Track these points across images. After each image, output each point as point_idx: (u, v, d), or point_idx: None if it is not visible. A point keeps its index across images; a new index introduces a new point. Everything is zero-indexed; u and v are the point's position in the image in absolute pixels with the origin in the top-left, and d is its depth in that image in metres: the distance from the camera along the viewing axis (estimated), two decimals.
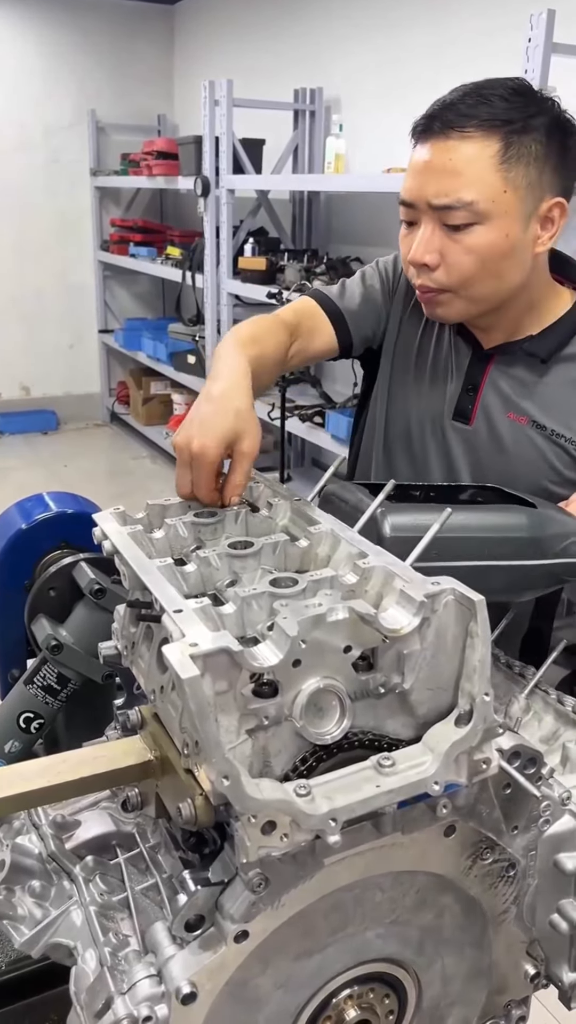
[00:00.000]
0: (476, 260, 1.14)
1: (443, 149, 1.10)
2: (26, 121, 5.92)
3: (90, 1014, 0.66)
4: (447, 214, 1.12)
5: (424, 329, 1.35)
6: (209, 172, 4.38)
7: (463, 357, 1.31)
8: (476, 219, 1.11)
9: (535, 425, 1.26)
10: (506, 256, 1.15)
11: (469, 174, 1.09)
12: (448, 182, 1.10)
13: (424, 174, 1.12)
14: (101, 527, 0.84)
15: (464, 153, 1.09)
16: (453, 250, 1.14)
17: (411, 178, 1.15)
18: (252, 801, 0.58)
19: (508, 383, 1.28)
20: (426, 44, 3.75)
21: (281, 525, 0.88)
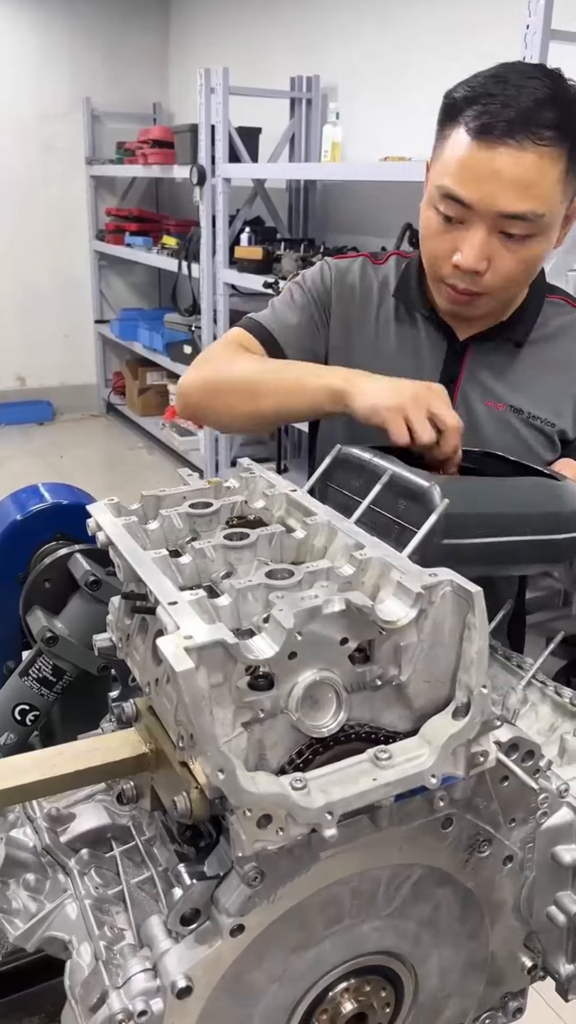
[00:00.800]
0: (525, 269, 1.14)
1: (517, 159, 1.05)
2: (20, 109, 5.88)
3: (85, 1008, 0.66)
4: (510, 223, 1.09)
5: (381, 331, 1.32)
6: (205, 161, 4.36)
7: (438, 350, 1.29)
8: (536, 231, 1.10)
9: (512, 410, 1.27)
10: (543, 261, 1.17)
11: (543, 186, 1.07)
12: (521, 193, 1.06)
13: (492, 181, 1.07)
14: (95, 518, 0.83)
15: (540, 166, 1.06)
16: (505, 258, 1.12)
17: (474, 181, 1.08)
18: (247, 795, 0.58)
19: (485, 371, 1.28)
20: (423, 31, 3.72)
21: (277, 516, 0.88)
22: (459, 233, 1.12)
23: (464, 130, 1.08)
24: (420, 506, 0.84)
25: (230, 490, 0.92)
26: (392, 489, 0.88)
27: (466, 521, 0.83)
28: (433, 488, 0.83)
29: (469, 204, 1.09)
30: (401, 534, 0.86)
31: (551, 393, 1.28)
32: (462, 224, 1.12)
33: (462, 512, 0.82)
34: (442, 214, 1.13)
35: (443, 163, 1.12)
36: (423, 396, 1.01)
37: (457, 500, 0.83)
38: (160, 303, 6.53)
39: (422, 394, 1.01)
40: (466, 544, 0.83)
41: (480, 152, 1.06)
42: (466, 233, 1.11)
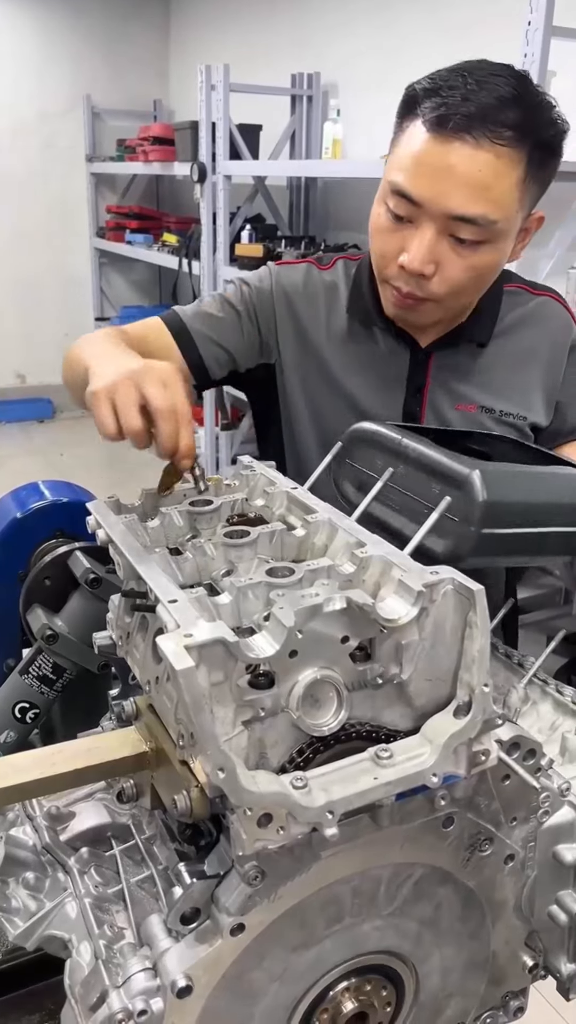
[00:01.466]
0: (474, 276, 1.09)
1: (472, 157, 1.00)
2: (21, 106, 5.87)
3: (84, 1008, 0.66)
4: (460, 226, 1.04)
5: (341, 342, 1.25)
6: (206, 158, 4.35)
7: (401, 361, 1.24)
8: (487, 238, 1.05)
9: (484, 410, 1.24)
10: (496, 270, 1.13)
11: (497, 190, 1.02)
12: (475, 195, 1.01)
13: (445, 179, 1.01)
14: (95, 516, 0.83)
15: (496, 167, 1.00)
16: (453, 263, 1.07)
17: (425, 177, 1.02)
18: (248, 794, 0.57)
19: (451, 376, 1.24)
20: (424, 28, 3.72)
21: (278, 514, 0.87)
22: (408, 232, 1.07)
23: (421, 122, 1.03)
24: (459, 492, 0.80)
25: (230, 488, 0.92)
26: (425, 470, 0.83)
27: (505, 510, 0.80)
28: (474, 475, 0.79)
29: (419, 202, 1.04)
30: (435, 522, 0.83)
31: (520, 387, 1.26)
32: (412, 223, 1.06)
33: (502, 500, 0.79)
34: (392, 211, 1.07)
35: (397, 157, 1.07)
36: (137, 376, 0.85)
37: (497, 488, 0.79)
38: (161, 301, 6.53)
39: (138, 372, 0.85)
40: (502, 534, 0.80)
41: (434, 146, 1.01)
42: (415, 232, 1.06)
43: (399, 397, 1.24)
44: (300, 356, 1.27)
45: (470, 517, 0.79)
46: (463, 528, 0.79)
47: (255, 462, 0.95)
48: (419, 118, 1.04)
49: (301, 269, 1.29)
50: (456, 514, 0.80)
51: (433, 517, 0.79)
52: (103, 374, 0.87)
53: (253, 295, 1.26)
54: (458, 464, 0.81)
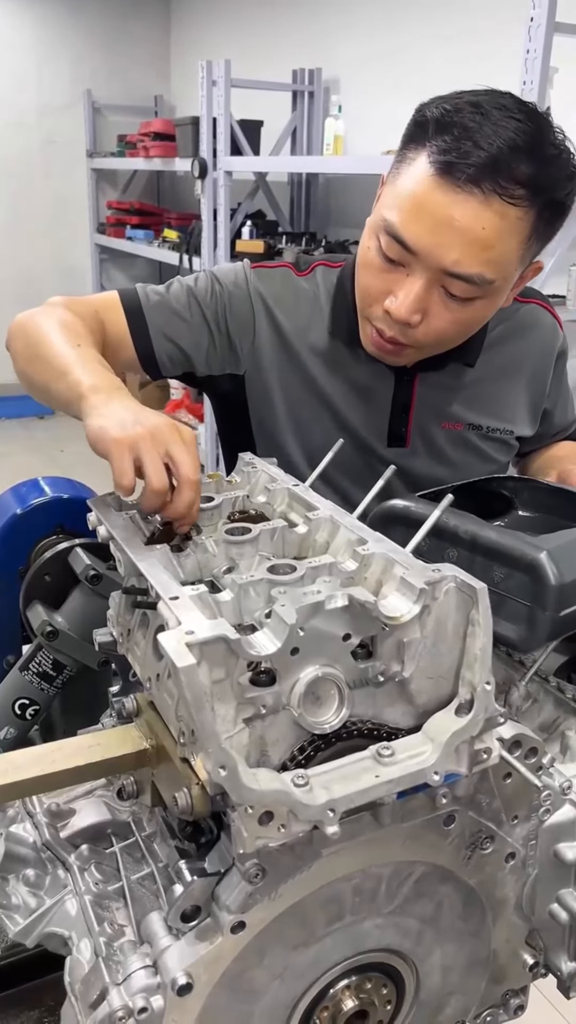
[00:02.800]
0: (462, 329, 1.06)
1: (477, 213, 0.93)
2: (21, 101, 5.86)
3: (85, 1005, 0.66)
4: (454, 282, 0.98)
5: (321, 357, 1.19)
6: (207, 154, 4.34)
7: (386, 382, 1.19)
8: (482, 295, 1.01)
9: (471, 427, 1.23)
10: (484, 322, 1.10)
11: (498, 250, 0.96)
12: (474, 253, 0.96)
13: (444, 231, 0.95)
14: (95, 513, 0.83)
15: (500, 228, 0.95)
16: (441, 315, 1.02)
17: (422, 224, 0.96)
18: (249, 791, 0.57)
19: (437, 395, 1.21)
20: (426, 24, 3.71)
21: (279, 511, 0.87)
22: (398, 276, 1.02)
23: (427, 160, 0.96)
24: (527, 576, 0.76)
25: (231, 484, 0.92)
26: (481, 553, 0.80)
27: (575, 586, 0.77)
28: (542, 557, 0.76)
29: (414, 251, 0.98)
30: (499, 605, 0.77)
31: (505, 400, 1.25)
32: (403, 267, 1.01)
33: (572, 579, 0.76)
34: (383, 255, 1.01)
35: (396, 192, 1.00)
36: (163, 434, 0.81)
37: (566, 566, 0.76)
38: None
39: (163, 432, 0.82)
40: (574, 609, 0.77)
41: (439, 194, 0.94)
42: (405, 279, 1.01)
43: (384, 416, 1.21)
44: (281, 366, 1.20)
45: (546, 602, 0.76)
46: (538, 614, 0.76)
47: (256, 459, 0.94)
48: (425, 152, 0.97)
49: (278, 275, 1.22)
50: (526, 598, 0.77)
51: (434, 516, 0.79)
52: (117, 419, 0.83)
53: (226, 299, 1.18)
54: (522, 545, 0.78)
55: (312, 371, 1.20)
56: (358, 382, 1.20)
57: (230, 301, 1.18)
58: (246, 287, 1.19)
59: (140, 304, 1.16)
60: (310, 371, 1.20)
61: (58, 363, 0.97)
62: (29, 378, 1.05)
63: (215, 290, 1.18)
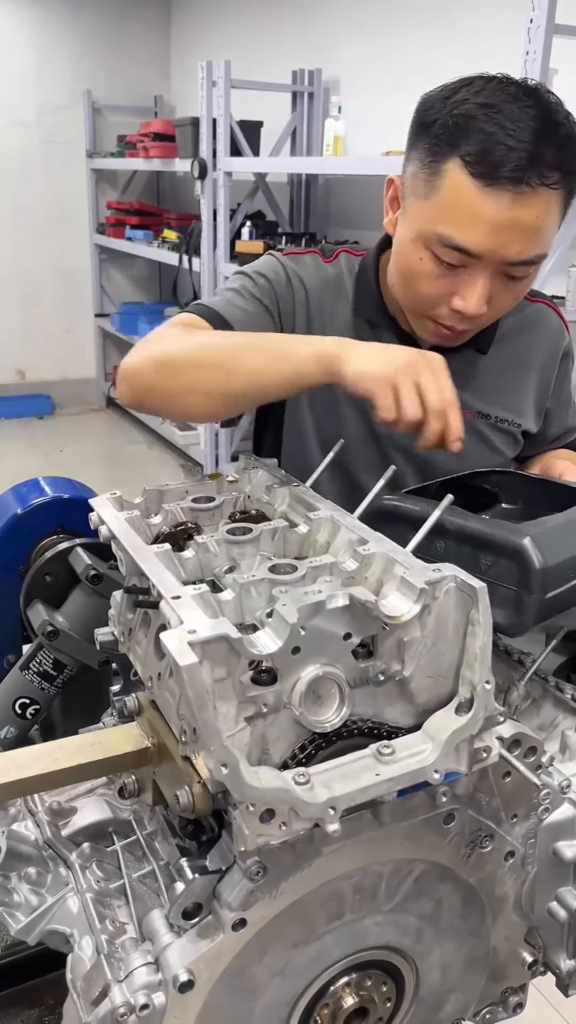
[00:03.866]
0: (515, 300, 1.12)
1: (531, 204, 0.99)
2: (21, 101, 5.85)
3: (86, 1002, 0.66)
4: (517, 268, 1.05)
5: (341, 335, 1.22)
6: (206, 154, 4.34)
7: None
8: (535, 268, 1.07)
9: (480, 416, 1.25)
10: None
11: (548, 229, 1.03)
12: (533, 240, 1.02)
13: (505, 231, 1.00)
14: (98, 512, 0.83)
15: (548, 210, 1.01)
16: (503, 296, 1.09)
17: (482, 230, 1.00)
18: (250, 789, 0.58)
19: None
20: (426, 25, 3.71)
21: (280, 511, 0.88)
22: (459, 278, 1.06)
23: (463, 171, 0.99)
24: (512, 562, 0.79)
25: (233, 484, 0.92)
26: (468, 543, 0.82)
27: (560, 569, 0.79)
28: (526, 542, 0.78)
29: (478, 255, 1.02)
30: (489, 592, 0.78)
31: (513, 393, 1.27)
32: (464, 268, 1.05)
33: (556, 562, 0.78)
34: (438, 258, 1.05)
35: (441, 205, 1.03)
36: (415, 365, 0.91)
37: (549, 550, 0.78)
38: (160, 297, 6.51)
39: (414, 363, 0.92)
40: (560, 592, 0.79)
41: (489, 199, 0.99)
42: (468, 278, 1.05)
43: None
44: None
45: (531, 586, 0.78)
46: (525, 597, 0.78)
47: (257, 459, 0.95)
48: (456, 161, 1.00)
49: (309, 259, 1.27)
50: (513, 583, 0.79)
51: (434, 516, 0.79)
52: (372, 360, 0.93)
53: (273, 288, 1.23)
54: (506, 532, 0.80)
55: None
56: None
57: (276, 286, 1.23)
58: (284, 272, 1.24)
59: (215, 310, 1.18)
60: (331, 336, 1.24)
61: (265, 351, 1.02)
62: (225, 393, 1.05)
63: (261, 284, 1.23)
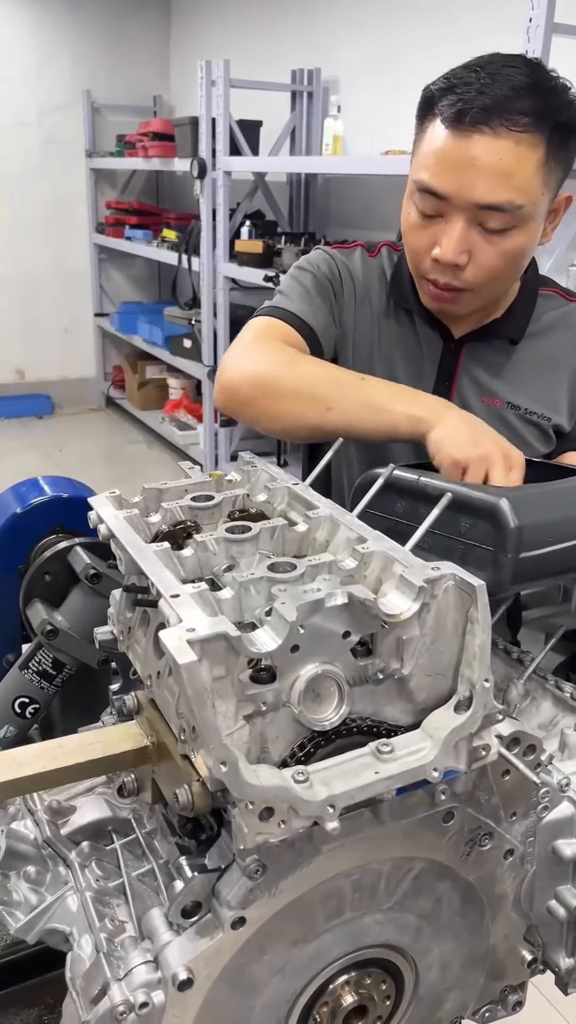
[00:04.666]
0: (507, 262, 1.12)
1: (492, 146, 1.03)
2: (20, 101, 5.85)
3: (86, 1000, 0.66)
4: (489, 215, 1.07)
5: (381, 325, 1.30)
6: (206, 154, 4.34)
7: (434, 350, 1.28)
8: (516, 223, 1.08)
9: (509, 406, 1.27)
10: (528, 255, 1.15)
11: (519, 176, 1.04)
12: (499, 183, 1.04)
13: (468, 171, 1.04)
14: (97, 511, 0.83)
15: (516, 153, 1.03)
16: (486, 251, 1.10)
17: (449, 172, 1.06)
18: (249, 787, 0.58)
19: (480, 369, 1.27)
20: (426, 24, 3.71)
21: (279, 510, 0.88)
22: (438, 227, 1.11)
23: (439, 120, 1.06)
24: (489, 522, 0.81)
25: (231, 483, 0.92)
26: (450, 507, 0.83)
27: (537, 531, 0.81)
28: (502, 502, 0.80)
29: (445, 196, 1.07)
30: (467, 553, 0.83)
31: (547, 388, 1.28)
32: (440, 217, 1.10)
33: (532, 523, 0.80)
34: (420, 212, 1.11)
35: (420, 157, 1.11)
36: (492, 457, 0.97)
37: (526, 511, 0.80)
38: (160, 297, 6.52)
39: (493, 456, 0.98)
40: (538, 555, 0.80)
41: (455, 141, 1.05)
42: (444, 226, 1.10)
43: (428, 384, 1.28)
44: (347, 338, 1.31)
45: (506, 545, 0.79)
46: (501, 556, 0.80)
47: (256, 458, 0.95)
48: (437, 117, 1.07)
49: (357, 253, 1.33)
50: (490, 544, 0.81)
51: (434, 513, 0.79)
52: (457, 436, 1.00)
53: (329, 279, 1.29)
54: (483, 494, 0.82)
55: (370, 339, 1.30)
56: (407, 347, 1.29)
57: (331, 277, 1.30)
58: (334, 262, 1.31)
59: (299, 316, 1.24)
60: (368, 339, 1.30)
61: (363, 401, 1.09)
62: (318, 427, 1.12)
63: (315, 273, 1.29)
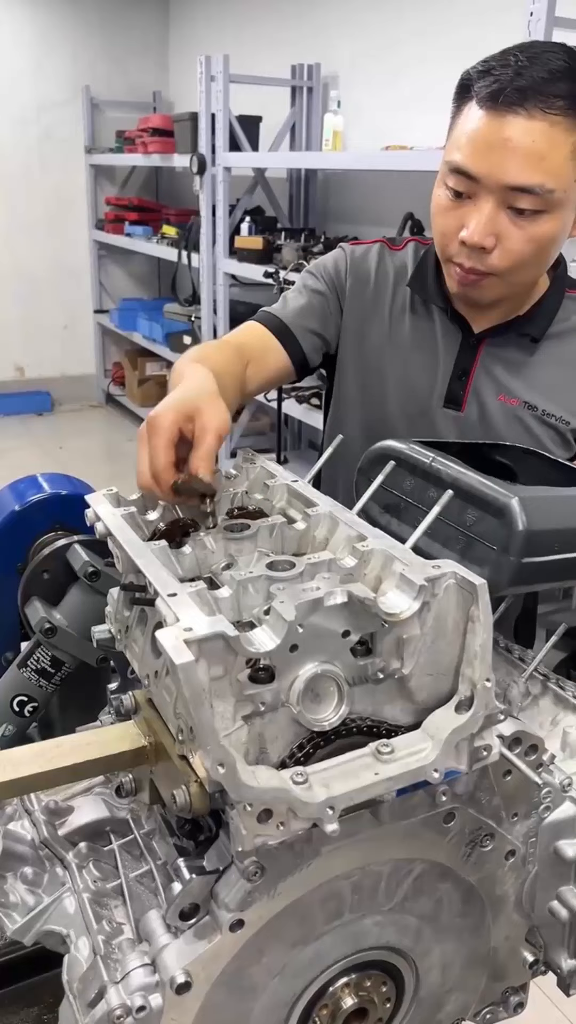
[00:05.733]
0: (535, 248, 1.11)
1: (526, 128, 1.02)
2: (19, 97, 5.84)
3: (83, 1003, 0.65)
4: (519, 197, 1.06)
5: (395, 319, 1.30)
6: (205, 150, 4.33)
7: (452, 342, 1.27)
8: (546, 207, 1.07)
9: (527, 406, 1.25)
10: (557, 243, 1.14)
11: (552, 160, 1.03)
12: (531, 164, 1.03)
13: (500, 151, 1.04)
14: (94, 509, 0.82)
15: (550, 137, 1.02)
16: (513, 235, 1.09)
17: (481, 152, 1.05)
18: (248, 789, 0.57)
19: (499, 365, 1.26)
20: (426, 19, 3.69)
21: (278, 507, 0.87)
22: (467, 209, 1.10)
23: (475, 101, 1.06)
24: (497, 520, 0.79)
25: (230, 480, 0.91)
26: (460, 495, 0.81)
27: (544, 537, 0.79)
28: (513, 503, 0.78)
29: (477, 176, 1.06)
30: (468, 547, 0.81)
31: (567, 391, 1.26)
32: (470, 199, 1.09)
33: (541, 528, 0.78)
34: (451, 189, 1.10)
35: (454, 138, 1.10)
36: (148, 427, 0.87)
37: (536, 516, 0.78)
38: (160, 293, 6.51)
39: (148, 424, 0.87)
40: (541, 562, 0.79)
41: (490, 122, 1.04)
42: (472, 207, 1.09)
43: (446, 376, 1.27)
44: (359, 334, 1.31)
45: (510, 547, 0.77)
46: (503, 557, 0.78)
47: (255, 455, 0.94)
48: (473, 99, 1.07)
49: (374, 250, 1.34)
50: (494, 542, 0.79)
51: (434, 511, 0.79)
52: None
53: (332, 275, 1.32)
54: (496, 491, 0.79)
55: (387, 332, 1.31)
56: (426, 339, 1.28)
57: (335, 275, 1.33)
58: (345, 263, 1.33)
59: (279, 318, 1.29)
60: (385, 332, 1.31)
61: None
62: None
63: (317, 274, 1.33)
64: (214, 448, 0.84)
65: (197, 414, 0.85)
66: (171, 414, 0.84)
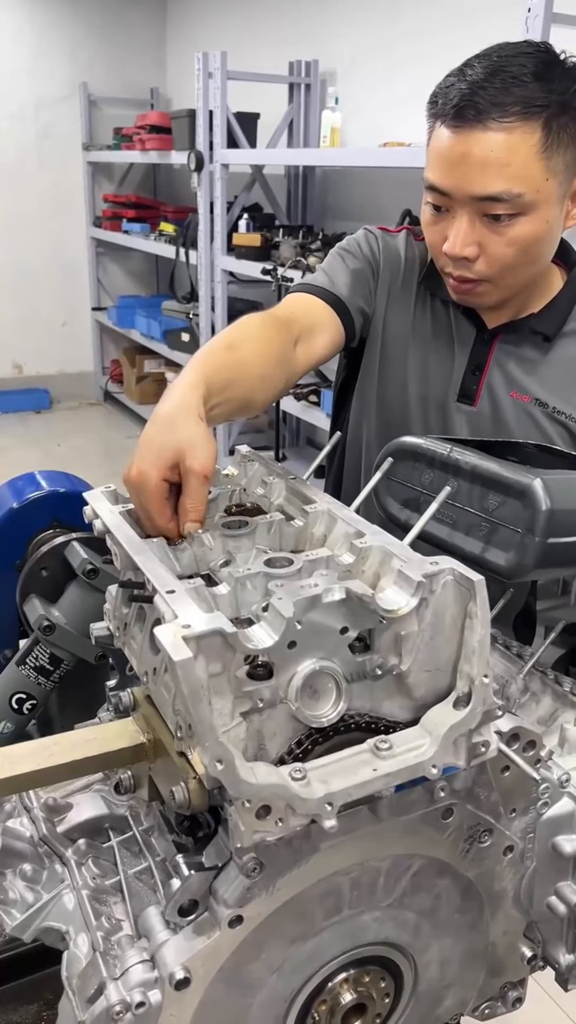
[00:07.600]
0: (518, 250, 1.12)
1: (483, 141, 1.05)
2: (17, 94, 5.83)
3: (82, 999, 0.66)
4: (489, 205, 1.08)
5: (417, 310, 1.31)
6: (203, 147, 4.32)
7: (467, 337, 1.28)
8: (520, 210, 1.08)
9: (538, 403, 1.25)
10: (544, 241, 1.15)
11: (515, 165, 1.05)
12: (493, 174, 1.06)
13: (463, 166, 1.07)
14: (92, 506, 0.83)
15: (507, 144, 1.05)
16: (494, 241, 1.11)
17: (446, 168, 1.09)
18: (246, 785, 0.57)
19: (512, 362, 1.26)
20: (423, 16, 3.69)
21: (276, 504, 0.87)
22: (447, 222, 1.13)
23: (438, 120, 1.10)
24: (519, 502, 0.79)
25: (229, 478, 0.91)
26: (480, 482, 0.82)
27: (568, 518, 0.79)
28: (536, 483, 0.78)
29: (447, 191, 1.10)
30: (492, 532, 0.82)
31: None
32: (449, 212, 1.13)
33: (565, 508, 0.78)
34: (431, 205, 1.15)
35: (427, 157, 1.14)
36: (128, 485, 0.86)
37: (559, 496, 0.78)
38: (158, 290, 6.50)
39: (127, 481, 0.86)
40: (566, 543, 0.79)
41: (451, 139, 1.08)
42: (451, 220, 1.12)
43: (460, 370, 1.28)
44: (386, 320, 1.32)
45: (535, 527, 0.77)
46: (527, 538, 0.78)
47: (254, 452, 0.94)
48: (439, 118, 1.10)
49: (402, 236, 1.35)
50: (518, 525, 0.79)
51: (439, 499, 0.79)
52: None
53: (368, 255, 1.32)
54: (517, 474, 0.80)
55: (411, 315, 1.32)
56: (441, 333, 1.30)
57: (371, 254, 1.33)
58: (377, 241, 1.34)
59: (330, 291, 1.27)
60: (408, 315, 1.32)
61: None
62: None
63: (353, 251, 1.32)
64: (201, 492, 0.82)
65: (180, 458, 0.83)
66: (154, 472, 0.82)
